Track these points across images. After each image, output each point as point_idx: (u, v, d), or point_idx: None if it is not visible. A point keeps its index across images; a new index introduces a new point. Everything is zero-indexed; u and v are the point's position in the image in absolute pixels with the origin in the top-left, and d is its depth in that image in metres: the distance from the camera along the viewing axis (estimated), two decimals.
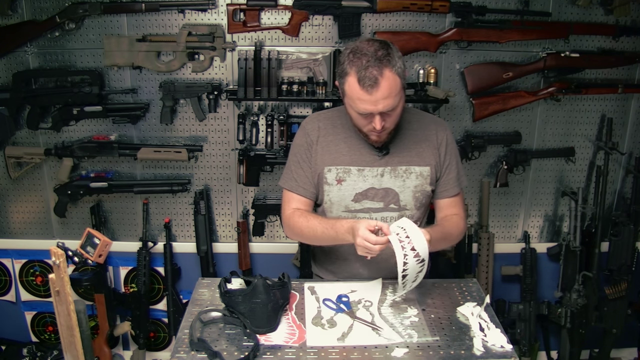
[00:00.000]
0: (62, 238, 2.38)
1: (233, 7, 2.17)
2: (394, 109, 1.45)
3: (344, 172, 1.60)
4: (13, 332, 2.62)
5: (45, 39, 2.23)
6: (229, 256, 2.51)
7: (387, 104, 1.42)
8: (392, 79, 1.40)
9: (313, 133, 1.64)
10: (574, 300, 2.43)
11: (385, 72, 1.39)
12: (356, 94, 1.42)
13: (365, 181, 1.60)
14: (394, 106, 1.45)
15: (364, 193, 1.60)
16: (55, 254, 1.22)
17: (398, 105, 1.46)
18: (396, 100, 1.44)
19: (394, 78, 1.41)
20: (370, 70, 1.39)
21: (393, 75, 1.41)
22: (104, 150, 2.31)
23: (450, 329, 1.40)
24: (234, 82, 2.29)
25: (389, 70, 1.40)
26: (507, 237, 2.58)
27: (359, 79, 1.40)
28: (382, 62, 1.39)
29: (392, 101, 1.43)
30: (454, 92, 2.26)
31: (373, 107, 1.42)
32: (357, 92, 1.42)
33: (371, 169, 1.60)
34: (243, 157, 2.33)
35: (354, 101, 1.45)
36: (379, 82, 1.39)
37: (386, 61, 1.40)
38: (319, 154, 1.62)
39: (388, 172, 1.60)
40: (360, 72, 1.40)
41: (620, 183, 2.54)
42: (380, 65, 1.39)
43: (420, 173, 1.61)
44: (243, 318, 1.38)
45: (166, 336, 2.63)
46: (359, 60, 1.41)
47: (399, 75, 1.42)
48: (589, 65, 2.28)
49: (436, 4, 2.16)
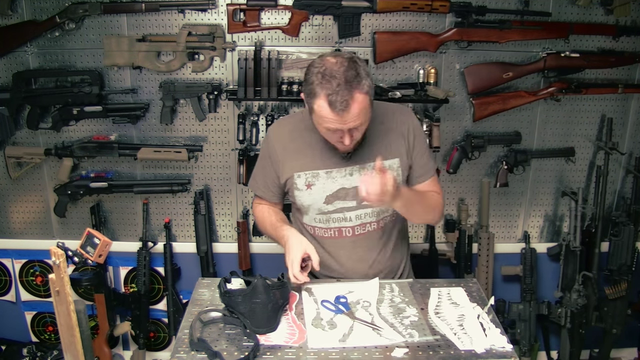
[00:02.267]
0: (62, 238, 2.38)
1: (233, 7, 2.17)
2: (362, 124, 1.47)
3: (312, 177, 1.61)
4: (13, 332, 2.62)
5: (45, 39, 2.23)
6: (229, 256, 2.51)
7: (357, 123, 1.45)
8: (361, 100, 1.41)
9: (277, 142, 1.66)
10: (574, 300, 2.43)
11: (356, 94, 1.40)
12: (326, 116, 1.43)
13: (335, 182, 1.61)
14: (363, 122, 1.47)
15: (335, 194, 1.61)
16: (55, 254, 1.22)
17: (367, 120, 1.48)
18: (365, 117, 1.46)
19: (364, 98, 1.42)
20: (341, 94, 1.39)
21: (363, 96, 1.41)
22: (104, 150, 2.31)
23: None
24: (234, 82, 2.29)
25: (359, 92, 1.40)
26: (507, 237, 2.58)
27: (330, 102, 1.40)
28: (352, 84, 1.39)
29: (361, 119, 1.45)
30: (454, 92, 2.26)
31: (342, 125, 1.44)
32: (328, 114, 1.42)
33: (339, 170, 1.60)
34: (243, 157, 2.33)
35: (323, 120, 1.45)
36: (349, 105, 1.40)
37: (356, 83, 1.40)
38: (287, 162, 1.63)
39: (357, 170, 1.60)
40: (331, 96, 1.39)
41: (620, 183, 2.53)
42: (351, 88, 1.39)
43: (389, 166, 1.61)
44: (243, 318, 1.38)
45: (166, 336, 2.63)
46: (328, 83, 1.40)
47: (368, 94, 1.43)
48: (589, 65, 2.28)
49: (436, 4, 2.16)
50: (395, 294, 1.56)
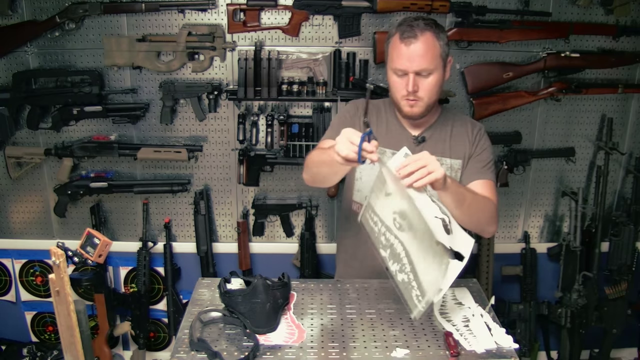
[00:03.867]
0: (62, 238, 2.38)
1: (233, 7, 2.17)
2: (428, 74, 1.50)
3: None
4: (13, 332, 2.62)
5: (45, 39, 2.23)
6: (229, 256, 2.51)
7: (422, 63, 1.48)
8: (431, 41, 1.48)
9: (355, 114, 1.70)
10: (574, 300, 2.43)
11: (427, 32, 1.48)
12: (396, 49, 1.50)
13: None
14: (429, 69, 1.49)
15: None
16: (55, 254, 1.22)
17: (433, 73, 1.51)
18: (432, 63, 1.49)
19: (434, 42, 1.48)
20: (413, 28, 1.48)
21: (433, 39, 1.48)
22: (104, 150, 2.31)
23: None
24: (234, 82, 2.29)
25: (431, 34, 1.48)
26: (507, 237, 2.58)
27: (401, 33, 1.49)
28: (427, 25, 1.49)
29: (427, 62, 1.48)
30: (454, 92, 2.26)
31: (408, 63, 1.48)
32: (397, 46, 1.49)
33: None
34: (243, 157, 2.33)
35: (392, 59, 1.52)
36: (417, 37, 1.47)
37: (430, 27, 1.49)
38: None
39: None
40: (404, 28, 1.49)
41: (621, 183, 2.53)
42: (424, 26, 1.49)
43: (450, 165, 1.64)
44: (243, 318, 1.37)
45: (166, 336, 2.63)
46: (405, 21, 1.52)
47: (440, 45, 1.50)
48: (589, 65, 2.28)
49: (436, 4, 2.16)
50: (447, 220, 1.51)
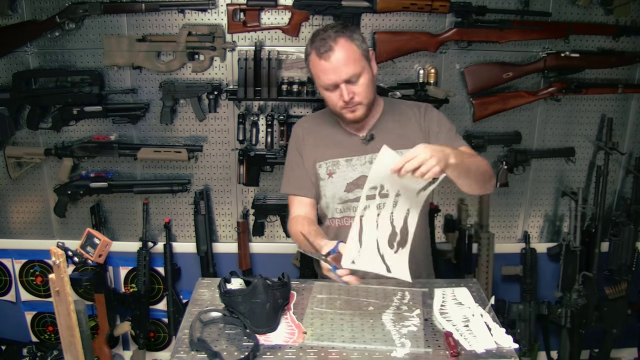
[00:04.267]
0: (62, 238, 2.38)
1: (233, 7, 2.17)
2: (358, 78, 1.50)
3: (332, 165, 1.65)
4: (13, 332, 2.62)
5: (45, 39, 2.23)
6: (229, 256, 2.51)
7: (349, 71, 1.47)
8: (348, 47, 1.47)
9: (300, 134, 1.73)
10: (574, 300, 2.43)
11: (340, 40, 1.47)
12: (318, 67, 1.49)
13: (355, 170, 1.64)
14: (356, 74, 1.49)
15: (355, 182, 1.64)
16: (55, 254, 1.22)
17: (362, 75, 1.50)
18: (357, 68, 1.48)
19: (350, 46, 1.47)
20: (326, 40, 1.47)
21: (349, 43, 1.47)
22: (104, 150, 2.31)
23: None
24: (234, 82, 2.29)
25: (344, 39, 1.47)
26: (507, 237, 2.57)
27: (317, 50, 1.48)
28: (337, 32, 1.48)
29: (352, 68, 1.48)
30: (454, 92, 2.26)
31: (335, 76, 1.48)
32: (318, 64, 1.49)
33: (359, 158, 1.64)
34: (243, 157, 2.33)
35: (319, 77, 1.51)
36: (333, 48, 1.46)
37: (341, 32, 1.48)
38: (309, 153, 1.68)
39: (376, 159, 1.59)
40: (318, 44, 1.49)
41: (620, 183, 2.53)
42: (335, 35, 1.48)
43: None
44: (243, 318, 1.38)
45: (166, 336, 2.63)
46: (316, 37, 1.51)
47: (358, 46, 1.49)
48: (589, 65, 2.28)
49: (436, 4, 2.16)
50: (404, 301, 1.53)
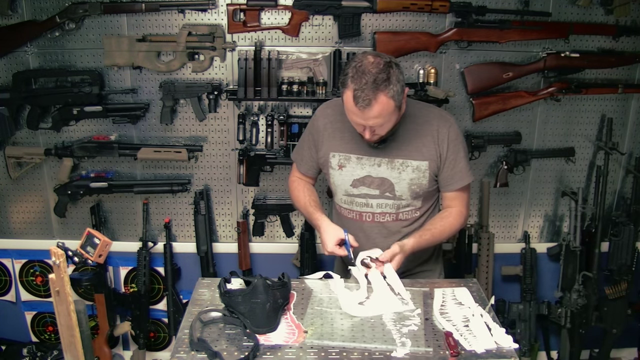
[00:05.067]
0: (62, 238, 2.38)
1: (233, 7, 2.17)
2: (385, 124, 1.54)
3: (344, 159, 1.70)
4: (13, 332, 2.62)
5: (45, 39, 2.23)
6: (229, 256, 2.51)
7: (377, 122, 1.52)
8: (385, 103, 1.47)
9: (321, 120, 1.74)
10: (574, 300, 2.43)
11: (380, 96, 1.46)
12: (350, 108, 1.51)
13: (363, 169, 1.68)
14: (385, 123, 1.53)
15: (362, 180, 1.69)
16: (55, 254, 1.22)
17: (390, 121, 1.54)
18: (387, 119, 1.52)
19: (388, 102, 1.48)
20: (366, 93, 1.45)
21: (387, 99, 1.47)
22: (104, 150, 2.31)
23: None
24: (234, 82, 2.29)
25: (384, 95, 1.47)
26: (507, 237, 2.58)
27: (354, 97, 1.47)
28: (379, 87, 1.46)
29: (382, 120, 1.51)
30: (454, 92, 2.26)
31: (364, 121, 1.52)
32: (351, 107, 1.50)
33: (369, 158, 1.67)
34: (243, 157, 2.33)
35: (348, 112, 1.54)
36: (371, 104, 1.46)
37: (383, 86, 1.46)
38: (326, 140, 1.72)
39: (385, 163, 1.66)
40: (357, 91, 1.46)
41: (620, 183, 2.53)
42: (377, 90, 1.45)
43: (417, 167, 1.66)
44: (243, 318, 1.37)
45: (166, 336, 2.63)
46: (359, 79, 1.46)
47: (394, 99, 1.49)
48: (589, 65, 2.28)
49: (436, 4, 2.16)
50: (405, 301, 1.54)
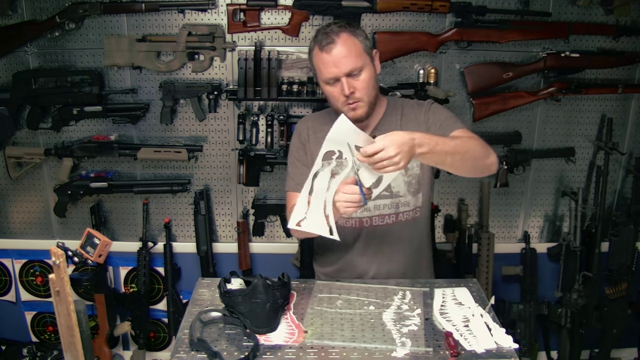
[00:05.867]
0: (62, 238, 2.38)
1: (233, 7, 2.17)
2: (359, 73, 1.50)
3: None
4: (13, 332, 2.62)
5: (45, 39, 2.23)
6: (229, 256, 2.51)
7: (349, 64, 1.48)
8: (350, 41, 1.49)
9: (304, 132, 1.72)
10: (574, 300, 2.43)
11: (343, 34, 1.49)
12: (320, 60, 1.51)
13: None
14: (358, 67, 1.50)
15: None
16: (55, 254, 1.22)
17: (363, 70, 1.51)
18: (358, 61, 1.49)
19: (353, 41, 1.49)
20: (328, 34, 1.49)
21: (351, 38, 1.49)
22: (104, 150, 2.31)
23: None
24: (234, 82, 2.29)
25: (347, 34, 1.49)
26: (507, 237, 2.58)
27: (319, 43, 1.50)
28: (340, 28, 1.50)
29: (353, 61, 1.48)
30: (454, 92, 2.26)
31: (336, 68, 1.48)
32: (320, 57, 1.50)
33: None
34: (243, 157, 2.33)
35: (320, 71, 1.52)
36: (335, 41, 1.48)
37: (344, 28, 1.50)
38: (313, 152, 1.67)
39: None
40: (320, 37, 1.51)
41: (620, 183, 2.53)
42: (338, 30, 1.50)
43: None
44: (243, 318, 1.38)
45: (166, 336, 2.63)
46: (320, 32, 1.53)
47: (360, 42, 1.50)
48: (589, 65, 2.28)
49: (436, 4, 2.16)
50: (405, 301, 1.53)
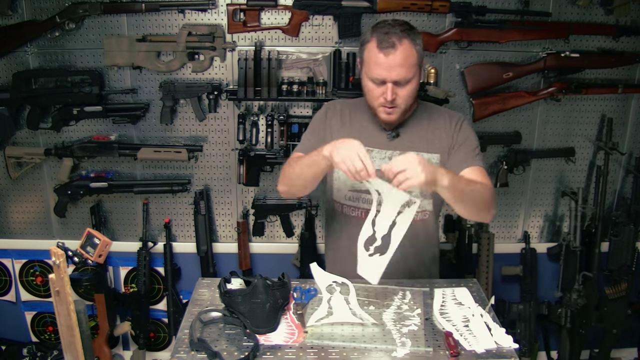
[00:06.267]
0: (62, 238, 2.38)
1: (233, 7, 2.17)
2: (406, 82, 1.49)
3: None
4: (13, 332, 2.62)
5: (45, 39, 2.23)
6: (229, 256, 2.51)
7: (401, 73, 1.47)
8: (409, 49, 1.46)
9: (332, 113, 1.70)
10: (574, 300, 2.43)
11: (405, 41, 1.46)
12: (373, 58, 1.47)
13: (373, 162, 1.59)
14: (408, 78, 1.49)
15: None
16: (55, 254, 1.22)
17: (411, 81, 1.50)
18: (410, 72, 1.48)
19: (412, 50, 1.47)
20: (390, 36, 1.45)
21: (411, 47, 1.47)
22: (104, 150, 2.31)
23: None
24: (234, 82, 2.29)
25: (409, 41, 1.47)
26: (507, 237, 2.58)
27: (378, 41, 1.46)
28: (404, 32, 1.47)
29: (406, 71, 1.47)
30: (454, 92, 2.26)
31: (387, 73, 1.47)
32: (375, 55, 1.47)
33: (380, 151, 1.62)
34: (243, 157, 2.33)
35: (370, 67, 1.50)
36: (396, 46, 1.45)
37: (407, 33, 1.47)
38: (334, 133, 1.66)
39: (397, 155, 1.56)
40: (381, 36, 1.46)
41: (620, 183, 2.53)
42: (401, 34, 1.46)
43: (428, 159, 1.56)
44: (243, 318, 1.37)
45: (166, 336, 2.63)
46: (381, 28, 1.48)
47: (417, 52, 1.48)
48: (589, 65, 2.28)
49: (436, 4, 2.16)
50: (405, 301, 1.53)
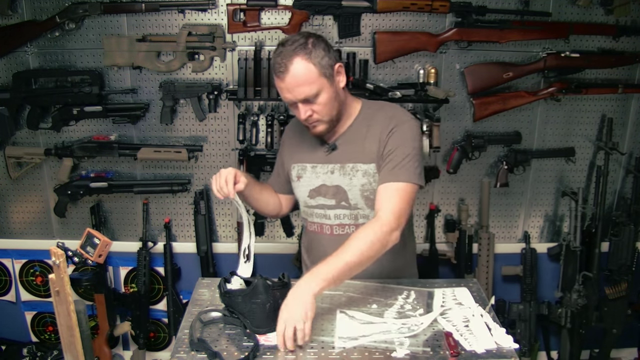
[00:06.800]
0: (62, 238, 2.38)
1: (233, 7, 2.17)
2: (315, 97, 1.46)
3: (301, 169, 1.65)
4: (13, 332, 2.62)
5: (45, 39, 2.23)
6: (229, 256, 2.51)
7: (303, 92, 1.45)
8: (302, 67, 1.42)
9: (288, 132, 1.76)
10: (574, 300, 2.43)
11: (295, 59, 1.42)
12: (276, 82, 1.48)
13: (318, 178, 1.62)
14: (312, 94, 1.45)
15: (317, 189, 1.62)
16: (55, 254, 1.22)
17: (320, 94, 1.46)
18: (313, 88, 1.45)
19: (306, 66, 1.43)
20: (282, 58, 1.43)
21: (305, 62, 1.43)
22: (104, 150, 2.31)
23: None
24: (234, 82, 2.29)
25: (301, 58, 1.42)
26: (508, 237, 2.57)
27: (274, 66, 1.45)
28: (295, 51, 1.43)
29: (307, 89, 1.44)
30: (454, 92, 2.26)
31: (290, 95, 1.46)
32: (275, 80, 1.48)
33: (323, 166, 1.61)
34: (243, 157, 2.33)
35: (279, 93, 1.50)
36: (288, 68, 1.42)
37: (299, 49, 1.43)
38: (288, 153, 1.71)
39: (338, 169, 1.59)
40: (275, 59, 1.45)
41: (621, 183, 2.53)
42: (292, 53, 1.43)
43: (365, 171, 1.55)
44: (243, 318, 1.38)
45: (166, 336, 2.63)
46: (277, 50, 1.46)
47: (315, 64, 1.43)
48: (589, 65, 2.28)
49: (436, 4, 2.16)
50: (409, 300, 1.53)
